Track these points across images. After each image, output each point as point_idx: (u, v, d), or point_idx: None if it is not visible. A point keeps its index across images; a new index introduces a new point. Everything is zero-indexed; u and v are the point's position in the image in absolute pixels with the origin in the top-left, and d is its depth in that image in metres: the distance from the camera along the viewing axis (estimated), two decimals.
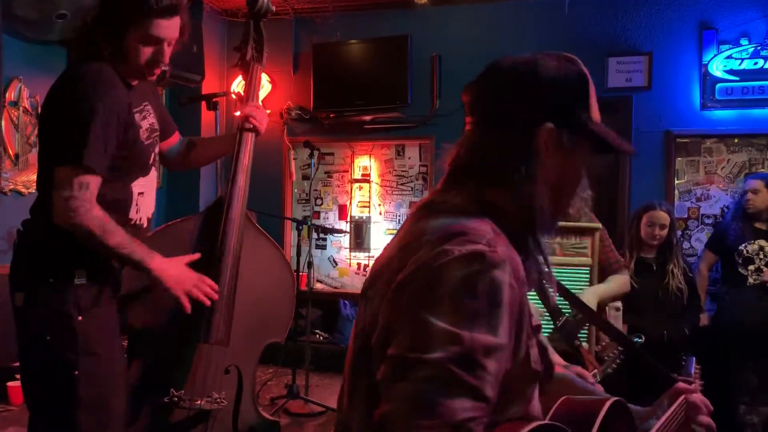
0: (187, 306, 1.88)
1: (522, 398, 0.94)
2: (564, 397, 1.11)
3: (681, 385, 1.30)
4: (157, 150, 1.96)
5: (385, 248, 1.02)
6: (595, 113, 1.05)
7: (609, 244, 2.76)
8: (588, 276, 2.59)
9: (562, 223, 3.00)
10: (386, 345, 0.87)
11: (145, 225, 1.95)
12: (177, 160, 2.19)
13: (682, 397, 1.27)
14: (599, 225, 2.66)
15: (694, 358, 1.54)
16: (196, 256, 1.97)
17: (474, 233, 0.88)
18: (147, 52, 1.78)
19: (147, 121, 1.89)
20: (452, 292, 0.83)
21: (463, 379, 0.79)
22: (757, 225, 3.81)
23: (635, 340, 2.27)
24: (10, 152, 4.05)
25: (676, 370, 1.52)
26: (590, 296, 2.49)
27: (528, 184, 0.96)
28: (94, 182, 1.71)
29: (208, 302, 1.93)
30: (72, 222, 1.68)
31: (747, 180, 3.93)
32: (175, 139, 2.16)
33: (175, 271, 1.86)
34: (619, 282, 2.71)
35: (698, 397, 1.29)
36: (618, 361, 2.09)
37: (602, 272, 2.66)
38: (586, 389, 1.27)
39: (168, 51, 1.82)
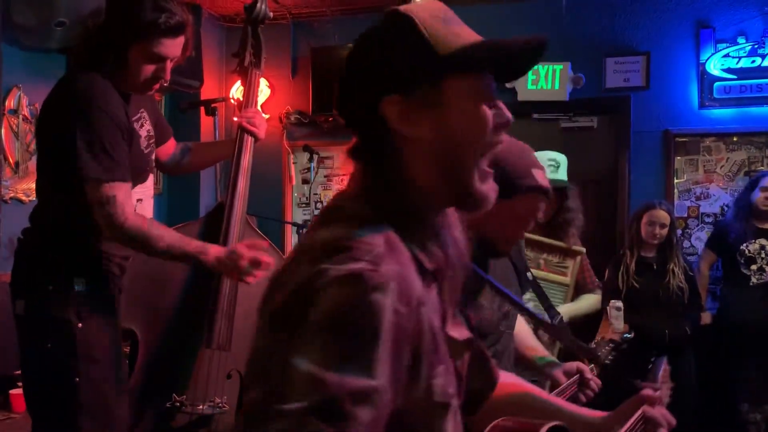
0: (252, 278, 1.88)
1: None
2: (496, 421, 1.04)
3: (646, 392, 1.15)
4: (153, 156, 1.97)
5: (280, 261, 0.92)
6: (455, 40, 0.84)
7: (587, 266, 3.03)
8: (563, 294, 2.85)
9: (550, 241, 3.05)
10: (250, 383, 0.75)
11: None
12: (173, 164, 2.20)
13: (641, 409, 1.12)
14: (583, 249, 2.91)
15: (665, 359, 1.45)
16: (264, 243, 1.99)
17: (359, 248, 0.75)
18: (149, 69, 1.79)
19: (144, 128, 1.90)
20: (320, 325, 0.70)
21: None
22: (761, 224, 3.80)
23: (625, 336, 2.32)
24: (10, 160, 4.05)
25: (645, 373, 1.44)
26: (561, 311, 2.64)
27: (397, 169, 0.85)
28: (122, 191, 1.73)
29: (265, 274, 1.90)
30: (119, 237, 1.73)
31: (760, 177, 3.88)
32: (171, 143, 2.17)
33: (231, 260, 1.86)
34: (589, 301, 3.00)
35: (659, 411, 1.13)
36: (611, 356, 2.12)
37: (578, 290, 2.95)
38: (545, 409, 1.14)
39: (170, 68, 1.83)
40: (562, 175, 2.93)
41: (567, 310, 2.78)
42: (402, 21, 0.85)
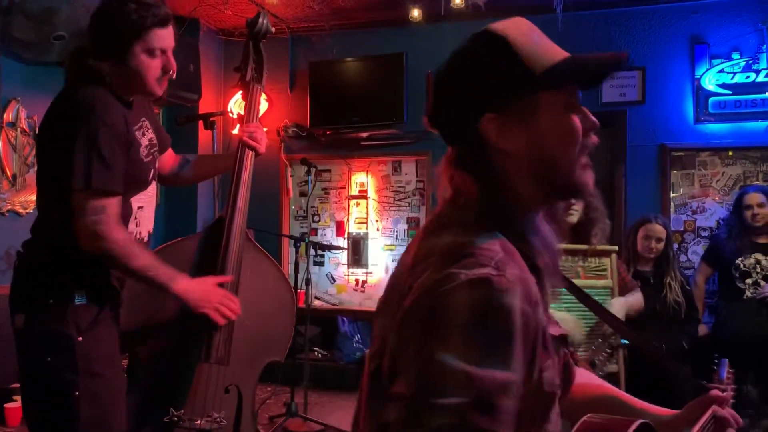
0: (221, 321, 1.94)
1: (535, 422, 0.90)
2: (584, 418, 1.07)
3: (714, 393, 1.19)
4: (156, 165, 1.98)
5: (398, 265, 0.97)
6: (545, 57, 0.91)
7: (621, 265, 2.97)
8: (609, 298, 2.77)
9: (578, 247, 3.01)
10: (393, 377, 0.82)
11: (145, 239, 1.96)
12: (172, 176, 2.20)
13: (711, 409, 1.17)
14: (615, 248, 2.85)
15: (726, 361, 1.44)
16: (227, 278, 2.02)
17: (481, 254, 0.82)
18: (156, 64, 1.81)
19: (146, 137, 1.90)
20: (461, 325, 0.77)
21: (482, 425, 0.74)
22: (756, 239, 3.82)
23: (623, 342, 2.34)
24: (8, 173, 4.05)
25: (707, 375, 1.45)
26: (618, 306, 2.70)
27: (499, 180, 0.91)
28: (112, 203, 1.73)
29: (234, 317, 1.97)
30: (97, 247, 1.70)
31: (744, 192, 3.92)
32: (170, 154, 2.17)
33: (200, 293, 1.89)
34: (638, 297, 2.99)
35: (728, 412, 1.19)
36: (608, 362, 2.13)
37: (620, 293, 2.88)
38: (629, 409, 1.19)
39: (172, 59, 1.86)
40: None
41: (626, 300, 2.78)
42: (497, 41, 0.91)
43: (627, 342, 2.57)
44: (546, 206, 0.96)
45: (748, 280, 3.80)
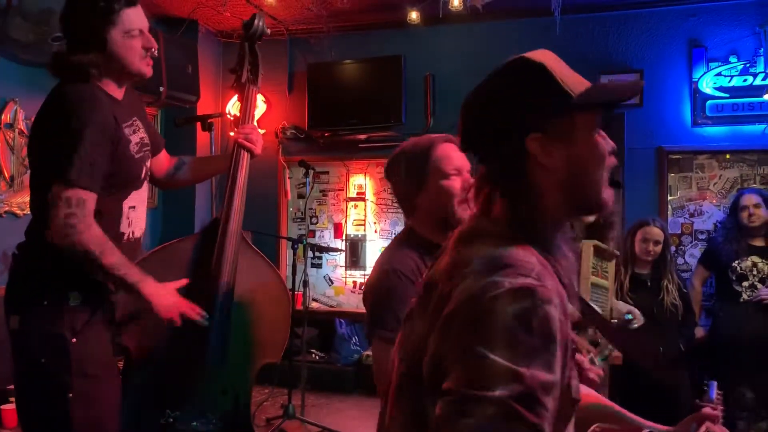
0: (178, 322, 1.88)
1: (560, 428, 0.94)
2: (592, 428, 1.13)
3: (707, 411, 1.31)
4: (149, 164, 1.97)
5: (427, 273, 1.04)
6: (574, 83, 1.01)
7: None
8: (606, 298, 2.79)
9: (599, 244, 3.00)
10: (438, 375, 0.87)
11: (138, 238, 1.95)
12: (166, 178, 2.19)
13: (705, 425, 1.29)
14: (617, 253, 2.90)
15: (715, 383, 1.53)
16: (184, 282, 1.97)
17: (521, 265, 0.88)
18: (136, 44, 1.83)
19: (137, 135, 1.90)
20: (507, 328, 0.83)
21: (526, 418, 0.79)
22: (752, 241, 3.83)
23: (627, 317, 2.35)
24: (6, 174, 4.05)
25: (697, 395, 1.53)
26: (620, 303, 2.82)
27: (534, 196, 0.98)
28: (89, 199, 1.72)
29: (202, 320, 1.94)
30: (70, 240, 1.68)
31: (741, 194, 3.93)
32: (164, 156, 2.17)
33: (168, 299, 1.85)
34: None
35: (720, 429, 1.31)
36: (610, 346, 2.13)
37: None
38: (627, 421, 1.28)
39: (151, 37, 1.86)
40: None
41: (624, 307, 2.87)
42: (535, 67, 0.99)
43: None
44: (569, 220, 1.04)
45: (745, 283, 3.80)
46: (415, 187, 1.71)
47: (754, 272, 3.79)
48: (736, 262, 3.81)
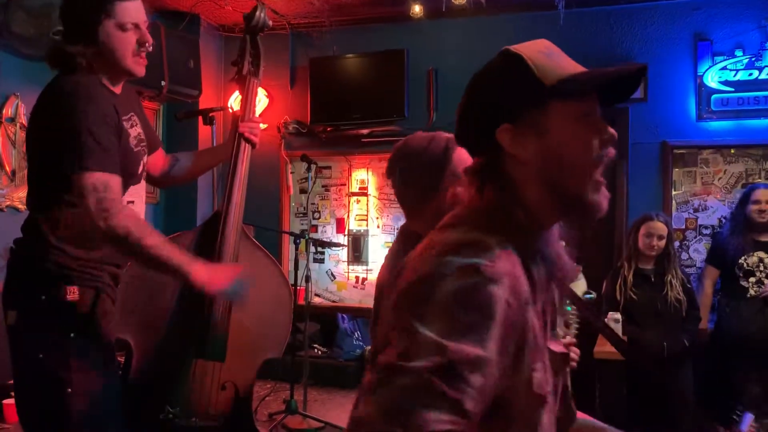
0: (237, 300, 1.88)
1: (526, 424, 0.92)
2: None
3: None
4: (145, 160, 1.96)
5: (406, 258, 1.00)
6: (556, 71, 0.95)
7: None
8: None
9: None
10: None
11: None
12: (161, 177, 2.17)
13: None
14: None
15: (751, 416, 1.38)
16: (239, 267, 1.95)
17: (477, 246, 0.87)
18: (129, 38, 1.78)
19: (135, 129, 1.88)
20: (444, 303, 0.82)
21: (443, 391, 0.77)
22: (759, 237, 3.80)
23: (586, 297, 2.29)
24: (7, 169, 4.05)
25: (727, 425, 1.39)
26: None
27: (510, 189, 0.96)
28: (113, 181, 1.69)
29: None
30: (109, 223, 1.63)
31: (755, 187, 3.88)
32: (160, 154, 2.15)
33: (219, 279, 1.79)
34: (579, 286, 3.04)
35: None
36: (577, 322, 2.12)
37: None
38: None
39: (147, 32, 1.83)
40: None
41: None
42: (512, 58, 0.97)
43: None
44: (558, 220, 1.00)
45: (752, 279, 3.77)
46: (427, 192, 1.65)
47: (761, 268, 3.76)
48: (743, 257, 3.78)
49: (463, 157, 1.65)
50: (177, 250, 1.74)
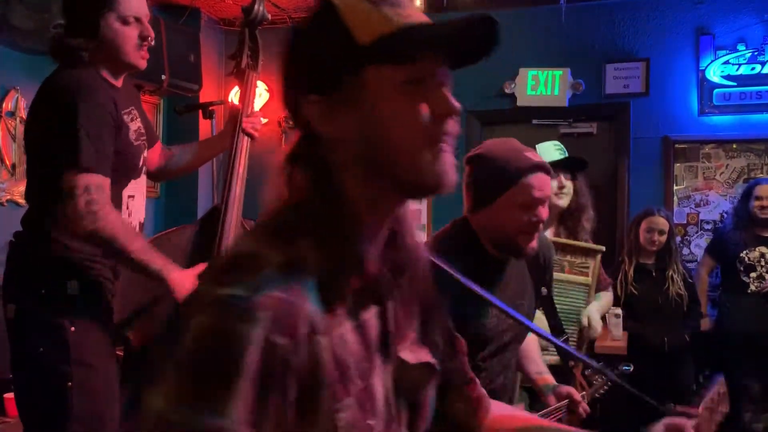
0: None
1: None
2: None
3: (669, 421, 1.01)
4: (145, 154, 1.95)
5: None
6: (384, 25, 0.74)
7: (601, 265, 3.01)
8: (586, 295, 2.79)
9: (572, 243, 3.03)
10: None
11: (137, 229, 1.93)
12: (157, 170, 2.17)
13: None
14: (603, 248, 2.87)
15: (721, 378, 1.29)
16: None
17: (248, 266, 0.69)
18: (132, 32, 1.78)
19: (135, 123, 1.88)
20: (179, 357, 0.65)
21: None
22: (761, 232, 3.79)
23: (624, 368, 2.28)
24: (7, 163, 4.04)
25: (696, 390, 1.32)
26: (595, 314, 2.70)
27: (325, 176, 0.77)
28: (105, 184, 1.69)
29: None
30: (93, 227, 1.64)
31: (757, 182, 3.88)
32: (158, 148, 2.15)
33: (192, 285, 1.81)
34: (608, 299, 2.98)
35: None
36: (606, 386, 2.11)
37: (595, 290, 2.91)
38: None
39: (149, 26, 1.82)
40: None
41: (600, 307, 2.80)
42: (323, 8, 0.77)
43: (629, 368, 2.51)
44: (399, 205, 0.81)
45: (753, 274, 3.77)
46: (488, 197, 1.64)
47: (762, 263, 3.75)
48: (744, 252, 3.78)
49: (540, 182, 1.62)
50: (156, 256, 1.75)
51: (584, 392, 1.99)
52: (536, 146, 2.71)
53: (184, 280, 1.79)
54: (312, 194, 0.77)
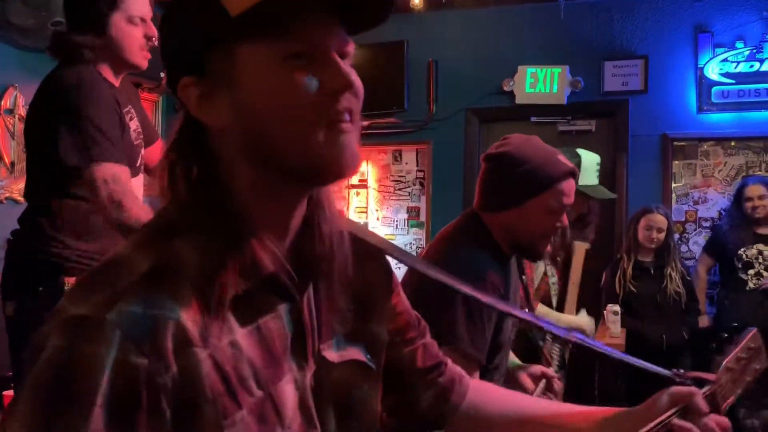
0: None
1: None
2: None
3: (676, 390, 0.87)
4: (143, 153, 1.96)
5: None
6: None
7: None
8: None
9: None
10: None
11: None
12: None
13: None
14: (587, 245, 2.87)
15: (755, 330, 1.06)
16: None
17: (106, 279, 0.64)
18: (137, 32, 1.79)
19: (134, 122, 1.89)
20: (36, 380, 0.60)
21: None
22: (758, 229, 3.80)
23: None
24: (6, 160, 4.04)
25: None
26: (571, 319, 2.72)
27: (207, 168, 0.70)
28: (123, 172, 1.70)
29: None
30: (121, 215, 1.65)
31: (745, 183, 3.90)
32: (158, 145, 2.15)
33: None
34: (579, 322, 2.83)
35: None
36: (561, 357, 2.13)
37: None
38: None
39: (152, 26, 1.83)
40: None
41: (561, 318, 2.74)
42: None
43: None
44: (302, 194, 0.74)
45: (751, 271, 3.78)
46: (516, 199, 1.60)
47: (760, 260, 3.76)
48: (742, 250, 3.79)
49: (570, 189, 1.60)
50: None
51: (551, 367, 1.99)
52: (580, 154, 2.59)
53: None
54: (195, 189, 0.69)
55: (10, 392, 3.70)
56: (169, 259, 0.66)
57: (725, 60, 4.36)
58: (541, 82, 4.51)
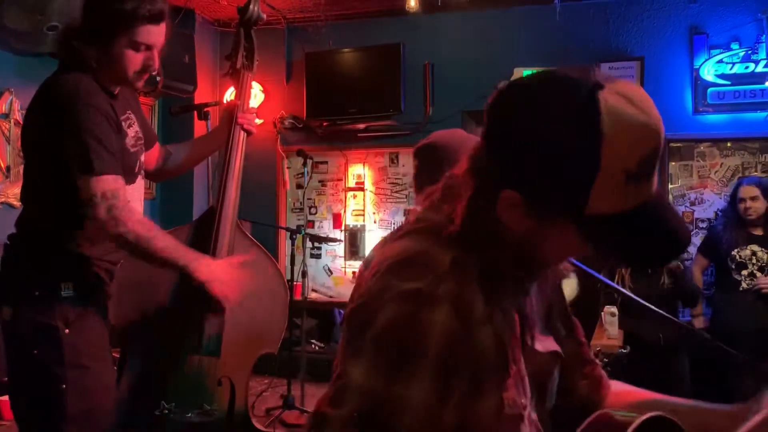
0: (235, 301, 1.90)
1: None
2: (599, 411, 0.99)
3: None
4: (142, 158, 1.95)
5: (366, 268, 0.91)
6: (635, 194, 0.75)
7: None
8: None
9: None
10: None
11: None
12: (156, 170, 2.17)
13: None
14: None
15: None
16: (246, 257, 1.98)
17: (424, 264, 0.79)
18: (137, 58, 1.78)
19: (132, 129, 1.88)
20: (378, 337, 0.76)
21: None
22: (752, 230, 3.80)
23: (620, 351, 2.29)
24: (2, 165, 4.03)
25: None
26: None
27: (491, 238, 0.82)
28: (121, 185, 1.71)
29: None
30: (119, 230, 1.67)
31: (740, 184, 3.90)
32: (156, 149, 2.14)
33: (223, 277, 1.85)
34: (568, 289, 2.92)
35: None
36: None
37: None
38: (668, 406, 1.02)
39: (157, 57, 1.82)
40: None
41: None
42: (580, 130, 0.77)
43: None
44: None
45: (744, 272, 3.78)
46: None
47: (753, 261, 3.77)
48: (736, 250, 3.79)
49: None
50: (183, 251, 1.79)
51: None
52: None
53: (213, 271, 1.82)
54: (478, 227, 0.82)
55: (5, 398, 3.68)
56: (461, 260, 0.80)
57: (720, 61, 4.37)
58: None
